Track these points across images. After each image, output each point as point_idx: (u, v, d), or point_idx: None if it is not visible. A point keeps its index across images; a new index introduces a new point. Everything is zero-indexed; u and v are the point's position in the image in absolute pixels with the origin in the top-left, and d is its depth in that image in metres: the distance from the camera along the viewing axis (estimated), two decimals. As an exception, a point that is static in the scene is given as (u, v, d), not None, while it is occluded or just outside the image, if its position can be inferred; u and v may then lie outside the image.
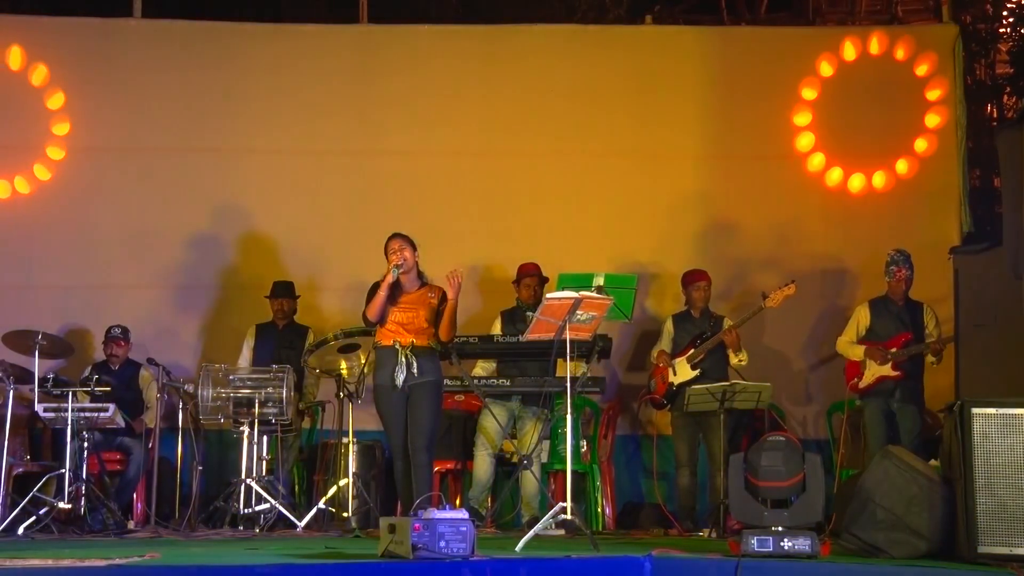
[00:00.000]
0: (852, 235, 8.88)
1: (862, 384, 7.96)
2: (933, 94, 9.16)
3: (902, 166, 9.14)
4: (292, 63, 9.26)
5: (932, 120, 9.14)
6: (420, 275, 7.17)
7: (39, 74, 9.11)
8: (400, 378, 6.90)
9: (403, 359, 6.91)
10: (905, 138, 9.17)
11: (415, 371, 6.92)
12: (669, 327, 8.34)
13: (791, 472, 5.49)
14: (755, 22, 12.20)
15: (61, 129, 9.11)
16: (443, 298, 7.06)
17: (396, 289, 7.01)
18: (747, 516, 5.50)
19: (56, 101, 9.10)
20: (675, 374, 8.10)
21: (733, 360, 8.08)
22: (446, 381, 7.31)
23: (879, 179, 9.13)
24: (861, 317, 8.11)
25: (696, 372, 8.02)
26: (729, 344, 8.03)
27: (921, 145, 9.14)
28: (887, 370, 7.86)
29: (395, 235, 7.21)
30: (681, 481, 8.09)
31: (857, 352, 7.99)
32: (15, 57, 9.11)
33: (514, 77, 9.31)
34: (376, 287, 7.05)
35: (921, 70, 9.18)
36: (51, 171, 9.07)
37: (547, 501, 7.59)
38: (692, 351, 8.09)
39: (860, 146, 9.17)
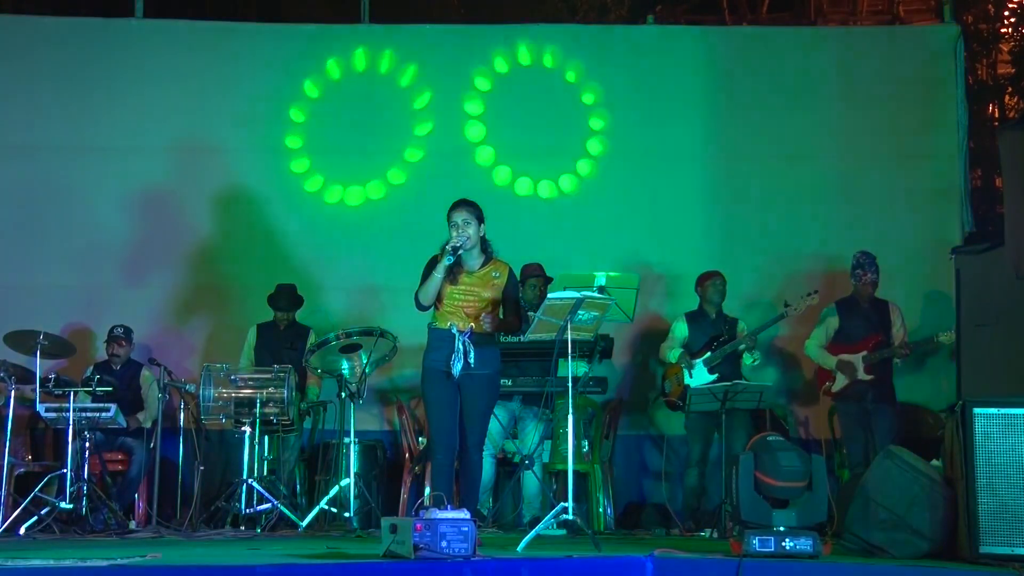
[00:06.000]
0: (855, 235, 8.86)
1: (835, 388, 8.01)
2: (936, 93, 9.16)
3: (902, 165, 9.12)
4: (293, 63, 9.27)
5: (932, 119, 9.13)
6: (485, 249, 6.52)
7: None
8: (457, 367, 6.27)
9: (459, 346, 6.28)
10: (905, 138, 9.16)
11: (471, 361, 6.30)
12: (682, 326, 8.27)
13: (807, 472, 5.45)
14: (757, 22, 12.20)
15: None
16: (510, 278, 6.48)
17: (456, 266, 6.36)
18: (756, 516, 5.45)
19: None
20: (691, 376, 8.09)
21: (747, 361, 8.07)
22: None
23: (881, 179, 9.12)
24: (830, 320, 8.13)
25: (715, 376, 8.00)
26: (747, 348, 8.02)
27: (921, 145, 9.13)
28: (860, 374, 7.91)
29: (460, 204, 6.44)
30: (690, 480, 8.04)
31: (829, 362, 8.05)
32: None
33: (515, 77, 9.30)
34: (434, 261, 6.39)
35: (924, 70, 9.18)
36: (60, 170, 9.07)
37: (548, 501, 7.58)
38: (711, 355, 8.06)
39: (861, 145, 9.17)
